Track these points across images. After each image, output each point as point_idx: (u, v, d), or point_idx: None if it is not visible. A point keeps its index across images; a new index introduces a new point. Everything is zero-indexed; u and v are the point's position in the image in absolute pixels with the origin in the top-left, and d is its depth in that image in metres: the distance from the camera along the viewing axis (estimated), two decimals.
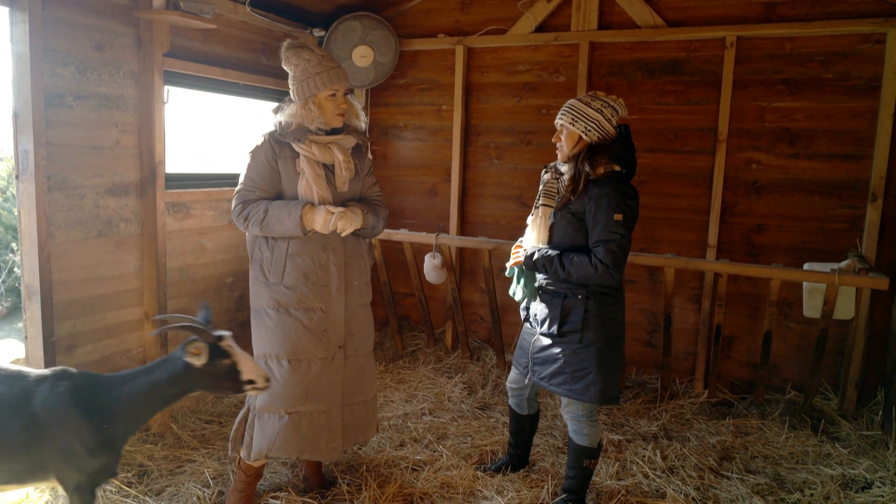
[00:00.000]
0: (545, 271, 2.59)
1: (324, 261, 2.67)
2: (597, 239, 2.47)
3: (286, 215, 2.55)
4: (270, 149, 2.64)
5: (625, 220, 2.45)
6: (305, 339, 2.65)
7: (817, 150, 3.82)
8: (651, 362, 4.32)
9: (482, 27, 4.52)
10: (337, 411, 2.73)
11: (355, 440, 2.85)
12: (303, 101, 2.60)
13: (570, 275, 2.50)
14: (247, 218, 2.61)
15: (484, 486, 2.97)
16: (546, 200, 2.60)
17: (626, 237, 2.46)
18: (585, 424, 2.68)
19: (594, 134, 2.53)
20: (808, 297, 3.54)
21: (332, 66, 2.61)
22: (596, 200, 2.46)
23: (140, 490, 2.88)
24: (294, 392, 2.64)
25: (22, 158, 2.75)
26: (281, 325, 2.65)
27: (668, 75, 4.10)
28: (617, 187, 2.47)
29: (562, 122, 2.58)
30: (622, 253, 2.45)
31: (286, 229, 2.56)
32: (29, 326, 2.87)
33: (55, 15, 2.83)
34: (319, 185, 2.61)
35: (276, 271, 2.65)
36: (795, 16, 3.76)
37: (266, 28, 4.12)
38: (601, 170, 2.50)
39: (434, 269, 4.13)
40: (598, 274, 2.44)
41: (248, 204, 2.62)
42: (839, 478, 3.11)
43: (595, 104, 2.54)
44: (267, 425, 2.66)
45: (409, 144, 4.93)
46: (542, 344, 2.70)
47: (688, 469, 3.19)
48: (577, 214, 2.53)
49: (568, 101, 2.62)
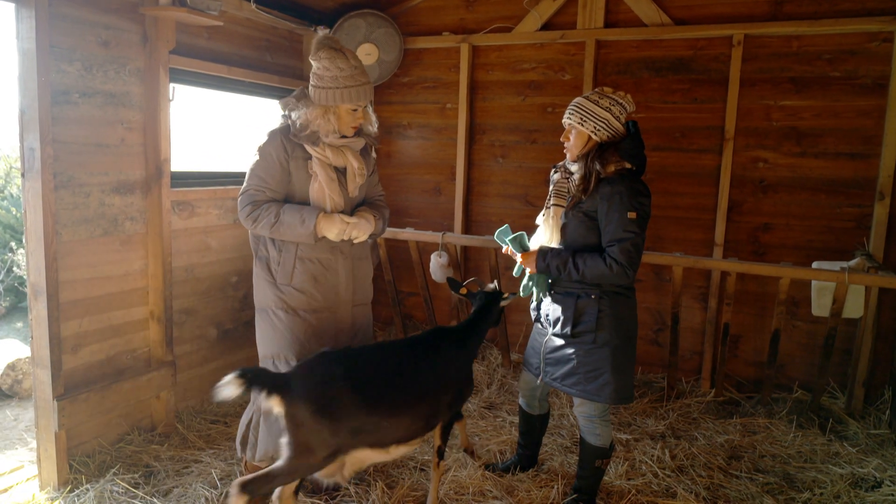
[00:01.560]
0: (558, 273, 2.55)
1: (333, 264, 2.66)
2: (611, 238, 2.44)
3: (299, 222, 2.51)
4: (282, 148, 2.58)
5: (638, 219, 2.42)
6: (314, 341, 2.64)
7: (824, 148, 3.81)
8: (657, 361, 4.31)
9: (487, 25, 4.50)
10: None
11: None
12: (323, 108, 2.56)
13: (584, 275, 2.47)
14: (256, 220, 2.56)
15: (493, 485, 2.95)
16: (557, 200, 2.58)
17: (641, 235, 2.43)
18: (598, 424, 2.66)
19: (604, 133, 2.50)
20: (817, 296, 3.53)
21: (363, 81, 2.56)
22: (608, 199, 2.43)
23: (147, 491, 2.86)
24: None
25: (28, 156, 2.72)
26: (290, 328, 2.63)
27: (675, 74, 4.08)
28: (629, 185, 2.44)
29: (570, 122, 2.55)
30: (637, 252, 2.42)
31: (297, 236, 2.54)
32: (35, 326, 2.83)
33: (61, 11, 2.80)
34: (333, 190, 2.59)
35: (284, 272, 2.62)
36: (803, 14, 3.75)
37: (270, 25, 4.09)
38: (612, 168, 2.47)
39: (440, 268, 4.11)
40: (612, 273, 2.42)
41: (259, 205, 2.58)
42: (848, 476, 3.11)
43: (603, 102, 2.50)
44: (273, 427, 2.63)
45: (413, 143, 4.91)
46: (555, 344, 2.67)
47: (697, 468, 3.18)
48: (589, 214, 2.50)
49: (575, 99, 2.58)
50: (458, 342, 2.68)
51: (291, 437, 2.21)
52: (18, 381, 4.15)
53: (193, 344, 3.73)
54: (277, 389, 2.18)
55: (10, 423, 3.77)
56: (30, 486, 2.94)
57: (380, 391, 2.36)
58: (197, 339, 3.75)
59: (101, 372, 3.14)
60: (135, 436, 3.31)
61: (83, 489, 2.85)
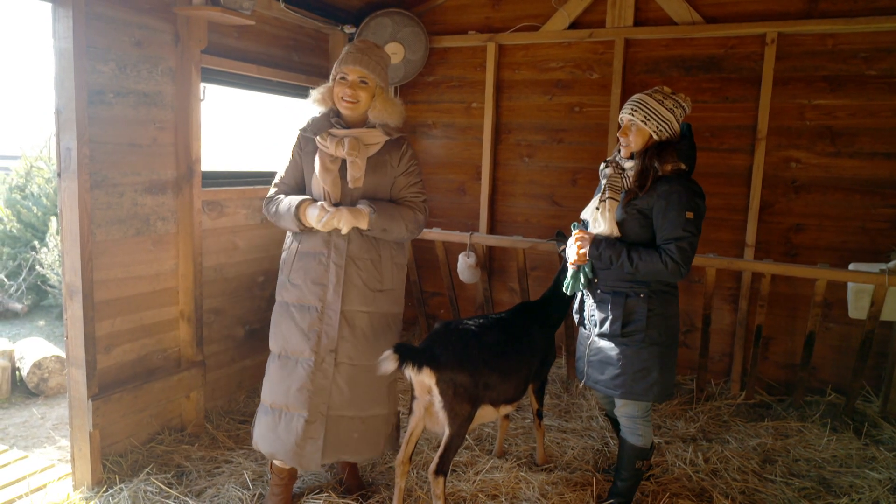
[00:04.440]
0: (609, 263, 2.52)
1: (325, 259, 2.59)
2: (668, 236, 2.42)
3: (286, 209, 2.57)
4: (297, 143, 2.68)
5: (695, 218, 2.41)
6: (295, 336, 2.60)
7: (860, 148, 3.76)
8: (686, 363, 4.27)
9: (514, 24, 4.47)
10: (320, 419, 2.56)
11: (340, 455, 2.64)
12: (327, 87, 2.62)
13: (637, 269, 2.45)
14: (268, 211, 2.68)
15: (527, 487, 2.93)
16: (612, 194, 2.55)
17: (696, 235, 2.42)
18: (640, 424, 2.65)
19: (665, 133, 2.49)
20: (855, 299, 3.47)
21: (351, 49, 2.55)
22: (666, 197, 2.42)
23: (181, 491, 2.85)
24: (278, 387, 2.62)
25: (65, 156, 2.72)
26: (278, 321, 2.68)
27: (706, 73, 4.04)
28: (686, 185, 2.43)
29: (632, 119, 2.51)
30: (692, 251, 2.41)
31: (288, 223, 2.59)
32: (70, 325, 2.83)
33: (97, 11, 2.79)
34: (324, 179, 2.53)
35: (286, 267, 2.67)
36: (838, 11, 3.69)
37: (298, 25, 4.08)
38: (669, 167, 2.45)
39: (468, 269, 4.09)
40: (667, 271, 2.40)
41: (272, 198, 2.69)
42: (887, 482, 3.06)
43: (668, 103, 2.48)
44: (260, 416, 2.69)
45: (438, 142, 4.89)
46: (599, 346, 2.65)
47: (731, 472, 3.15)
48: (644, 211, 2.48)
49: (634, 95, 2.56)
50: (542, 315, 3.11)
51: (446, 402, 2.53)
52: (45, 379, 4.17)
53: (221, 344, 3.73)
54: (427, 362, 2.49)
55: (37, 422, 3.78)
56: (63, 485, 2.94)
57: (495, 354, 2.72)
58: (225, 339, 3.75)
59: (133, 372, 3.14)
60: (165, 435, 3.31)
61: (117, 489, 2.85)
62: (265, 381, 2.70)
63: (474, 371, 2.59)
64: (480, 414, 2.71)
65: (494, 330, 2.81)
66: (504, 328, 2.87)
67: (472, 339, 2.67)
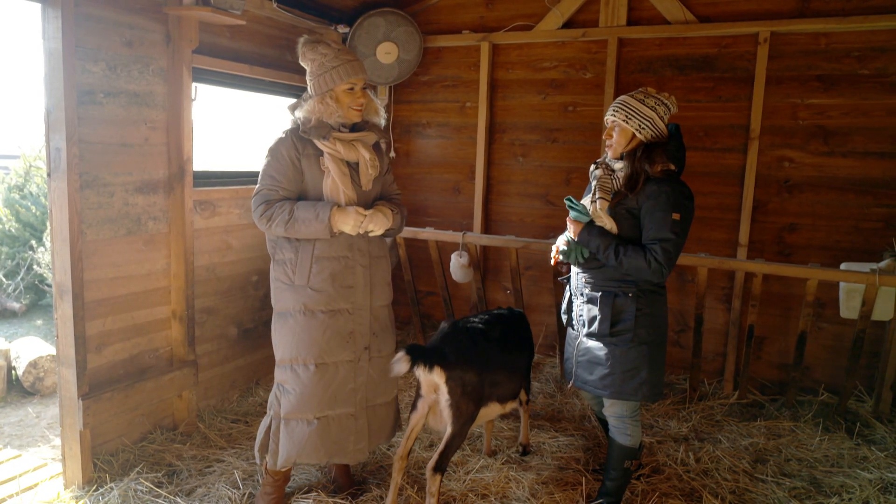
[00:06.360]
0: (595, 251, 2.52)
1: (350, 262, 2.61)
2: (653, 236, 2.42)
3: (313, 217, 2.47)
4: (293, 146, 2.56)
5: (682, 220, 2.42)
6: (333, 341, 2.60)
7: (853, 147, 3.75)
8: (679, 363, 4.27)
9: (507, 23, 4.47)
10: (362, 413, 2.70)
11: (379, 441, 2.82)
12: (320, 95, 2.55)
13: (620, 263, 2.45)
14: (270, 219, 2.51)
15: (517, 486, 2.93)
16: (602, 195, 2.55)
17: (682, 237, 2.42)
18: (629, 423, 2.65)
19: (648, 132, 2.49)
20: (846, 298, 3.47)
21: (348, 58, 2.56)
22: (655, 198, 2.42)
23: (171, 490, 2.86)
24: (322, 396, 2.60)
25: (54, 156, 2.72)
26: (308, 329, 2.58)
27: (699, 72, 4.04)
28: (675, 186, 2.44)
29: (614, 119, 2.52)
30: (676, 253, 2.42)
31: (313, 231, 2.49)
32: (60, 325, 2.84)
33: (86, 11, 2.80)
34: (345, 184, 2.55)
35: (301, 274, 2.57)
36: (831, 11, 3.69)
37: (291, 24, 4.09)
38: (658, 168, 2.46)
39: (461, 268, 4.09)
40: (649, 270, 2.41)
41: (272, 204, 2.53)
42: (878, 482, 3.05)
43: (649, 102, 2.49)
44: (295, 431, 2.60)
45: (432, 142, 4.89)
46: (587, 346, 2.65)
47: (721, 471, 3.14)
48: (632, 211, 2.49)
49: (619, 97, 2.57)
50: (524, 316, 3.24)
51: (453, 400, 2.58)
52: (40, 378, 4.18)
53: (214, 343, 3.74)
54: (438, 362, 2.55)
55: (32, 421, 3.79)
56: (54, 484, 2.95)
57: (502, 351, 2.83)
58: (217, 339, 3.76)
59: (124, 371, 3.15)
60: (157, 435, 3.32)
61: (107, 488, 2.86)
62: (298, 397, 2.59)
63: (483, 370, 2.67)
64: (487, 412, 2.78)
65: (499, 326, 2.90)
66: (502, 327, 2.94)
67: (480, 338, 2.75)
